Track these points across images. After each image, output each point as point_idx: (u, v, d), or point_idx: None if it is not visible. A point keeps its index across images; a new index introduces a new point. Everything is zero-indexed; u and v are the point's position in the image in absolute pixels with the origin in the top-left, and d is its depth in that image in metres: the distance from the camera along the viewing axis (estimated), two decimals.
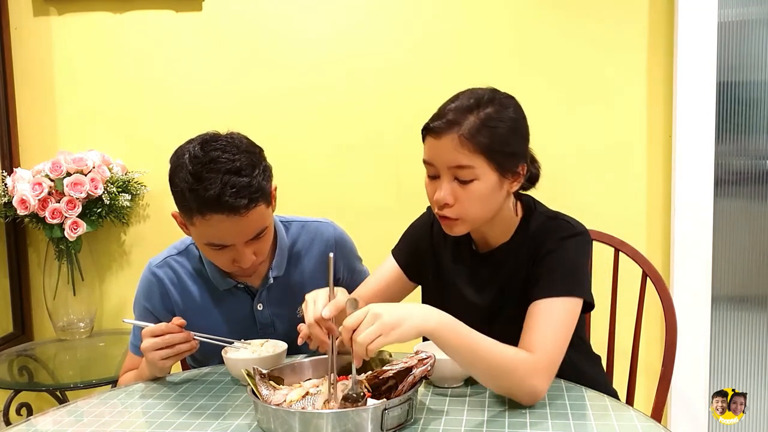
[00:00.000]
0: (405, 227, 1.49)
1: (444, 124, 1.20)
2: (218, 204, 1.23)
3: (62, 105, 2.36)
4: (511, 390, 1.12)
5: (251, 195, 1.25)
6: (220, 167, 1.25)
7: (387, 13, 2.25)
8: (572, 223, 1.29)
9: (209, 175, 1.24)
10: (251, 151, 1.32)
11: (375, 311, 1.04)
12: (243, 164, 1.26)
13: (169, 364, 1.30)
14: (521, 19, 2.21)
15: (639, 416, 1.09)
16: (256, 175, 1.28)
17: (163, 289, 1.45)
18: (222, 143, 1.29)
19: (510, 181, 1.24)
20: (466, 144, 1.18)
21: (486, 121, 1.19)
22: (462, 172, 1.19)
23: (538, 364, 1.11)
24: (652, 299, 1.61)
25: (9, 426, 1.16)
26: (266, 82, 2.30)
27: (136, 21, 2.32)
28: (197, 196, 1.24)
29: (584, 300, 1.21)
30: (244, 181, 1.25)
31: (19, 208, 2.13)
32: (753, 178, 2.26)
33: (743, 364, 2.30)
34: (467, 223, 1.24)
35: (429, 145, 1.24)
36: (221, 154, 1.26)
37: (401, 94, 2.26)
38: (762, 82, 2.22)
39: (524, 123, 1.26)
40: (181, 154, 1.30)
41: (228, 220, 1.25)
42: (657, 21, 2.16)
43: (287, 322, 1.44)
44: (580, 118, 2.19)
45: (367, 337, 1.01)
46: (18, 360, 2.16)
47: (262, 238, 1.33)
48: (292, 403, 1.08)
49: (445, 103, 1.25)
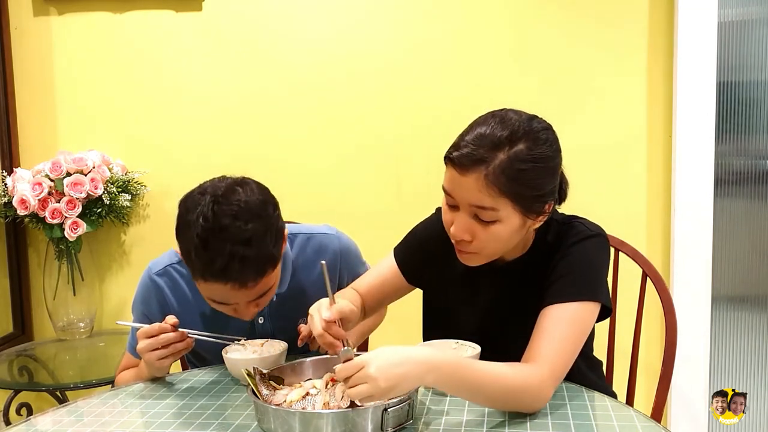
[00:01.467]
0: (405, 227, 1.44)
1: (469, 160, 1.07)
2: (223, 276, 1.20)
3: (62, 105, 2.37)
4: (518, 409, 1.08)
5: (258, 267, 1.21)
6: (230, 236, 1.18)
7: (387, 13, 2.25)
8: (587, 225, 1.22)
9: (217, 245, 1.18)
10: (264, 214, 1.24)
11: (369, 372, 0.95)
12: (253, 233, 1.20)
13: (167, 363, 1.30)
14: (521, 19, 2.21)
15: (639, 416, 1.08)
16: (267, 243, 1.22)
17: (161, 298, 1.44)
18: (234, 207, 1.21)
19: (534, 219, 1.15)
20: (492, 186, 1.07)
21: (516, 161, 1.07)
22: (484, 213, 1.10)
23: (544, 380, 1.07)
24: (652, 299, 1.61)
25: (9, 426, 1.16)
26: (266, 82, 2.30)
27: (136, 21, 2.32)
28: (203, 264, 1.20)
29: (602, 304, 1.16)
30: (252, 253, 1.19)
31: (19, 208, 2.13)
32: (753, 178, 2.26)
33: (743, 364, 2.30)
34: (483, 256, 1.18)
35: (450, 177, 1.12)
36: (233, 222, 1.19)
37: (401, 94, 2.26)
38: (762, 82, 2.22)
39: (558, 156, 1.15)
40: (192, 208, 1.22)
41: (232, 288, 1.22)
42: (657, 21, 2.16)
43: (289, 335, 1.41)
44: (580, 118, 2.19)
45: (357, 395, 0.97)
46: (18, 360, 2.16)
47: (266, 294, 1.30)
48: (292, 404, 1.08)
49: (471, 127, 1.13)
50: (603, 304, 1.17)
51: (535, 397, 1.07)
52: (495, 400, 1.07)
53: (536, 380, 1.06)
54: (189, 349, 1.30)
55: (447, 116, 2.20)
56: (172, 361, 1.31)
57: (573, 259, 1.17)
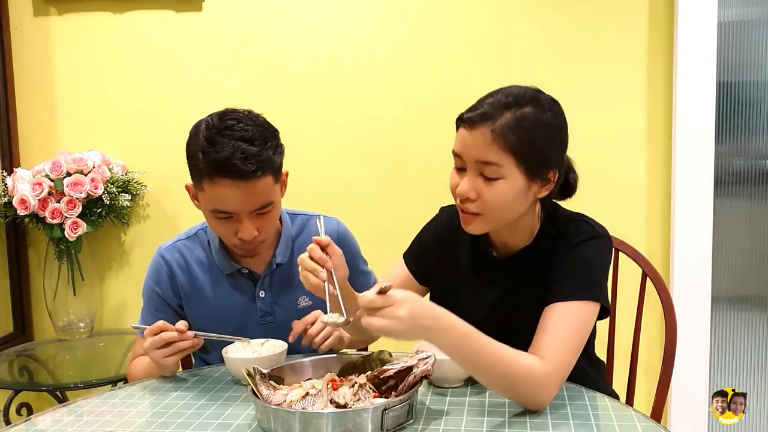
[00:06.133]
0: (404, 221, 1.47)
1: (478, 116, 1.15)
2: (227, 167, 1.27)
3: (62, 105, 2.36)
4: (519, 398, 1.10)
5: (259, 163, 1.29)
6: (234, 134, 1.29)
7: (387, 12, 2.25)
8: (593, 225, 1.25)
9: (222, 140, 1.28)
10: (266, 127, 1.36)
11: (399, 313, 0.99)
12: (256, 134, 1.31)
13: (172, 362, 1.31)
14: (521, 19, 2.21)
15: (639, 416, 1.09)
16: (268, 147, 1.32)
17: (170, 272, 1.48)
18: (239, 114, 1.34)
19: (539, 186, 1.19)
20: (497, 140, 1.13)
21: (522, 120, 1.14)
22: (488, 169, 1.15)
23: (549, 375, 1.08)
24: (652, 299, 1.61)
25: (9, 426, 1.16)
26: (266, 82, 2.30)
27: (136, 21, 2.32)
28: (208, 159, 1.28)
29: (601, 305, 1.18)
30: (254, 149, 1.29)
31: (19, 208, 2.13)
32: (753, 178, 2.26)
33: (743, 364, 2.30)
34: (487, 221, 1.20)
35: (460, 136, 1.19)
36: (236, 123, 1.31)
37: (401, 93, 2.26)
38: (762, 82, 2.22)
39: (564, 130, 1.21)
40: (199, 124, 1.35)
41: (234, 185, 1.28)
42: (657, 21, 2.16)
43: (287, 311, 1.47)
44: (579, 118, 2.17)
45: (378, 327, 1.00)
46: (18, 360, 2.16)
47: (266, 214, 1.36)
48: (292, 403, 1.08)
49: (483, 96, 1.20)
50: (602, 304, 1.19)
51: (537, 388, 1.08)
52: (495, 379, 1.08)
53: (540, 372, 1.08)
54: (196, 347, 1.32)
55: (445, 111, 2.20)
56: (178, 359, 1.32)
57: (577, 260, 1.20)
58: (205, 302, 1.48)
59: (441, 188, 2.19)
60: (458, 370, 1.20)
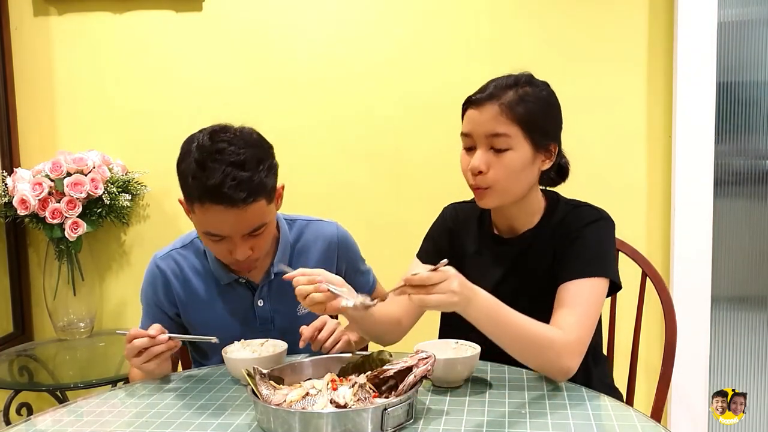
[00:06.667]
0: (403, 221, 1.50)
1: (486, 96, 1.28)
2: (217, 194, 1.25)
3: (62, 105, 2.36)
4: (544, 366, 1.20)
5: (251, 189, 1.26)
6: (225, 158, 1.26)
7: (386, 12, 2.25)
8: (597, 209, 1.36)
9: (213, 165, 1.25)
10: (259, 147, 1.33)
11: (452, 287, 1.07)
12: (247, 158, 1.27)
13: (152, 367, 1.30)
14: (521, 19, 2.21)
15: (639, 416, 1.09)
16: (260, 170, 1.28)
17: (165, 281, 1.47)
18: (230, 135, 1.31)
19: (542, 158, 1.32)
20: (505, 113, 1.26)
21: (524, 96, 1.28)
22: (498, 141, 1.27)
23: (571, 343, 1.18)
24: (652, 299, 1.61)
25: (9, 426, 1.16)
26: (266, 82, 2.30)
27: (136, 21, 2.32)
28: (199, 184, 1.26)
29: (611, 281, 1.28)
30: (245, 175, 1.26)
31: (19, 208, 2.13)
32: (753, 178, 2.26)
33: (743, 364, 2.30)
34: (498, 193, 1.30)
35: (469, 117, 1.31)
36: (227, 146, 1.28)
37: (401, 92, 2.26)
38: (762, 82, 2.22)
39: (558, 107, 1.35)
40: (190, 141, 1.32)
41: (226, 211, 1.26)
42: (657, 21, 2.16)
43: (287, 318, 1.45)
44: (579, 118, 2.19)
45: (436, 302, 1.06)
46: (18, 360, 2.16)
47: (260, 234, 1.34)
48: (292, 403, 1.08)
49: (486, 83, 1.33)
50: (612, 280, 1.29)
51: (559, 356, 1.17)
52: (521, 348, 1.17)
53: (562, 341, 1.18)
54: (172, 350, 1.31)
55: (445, 111, 2.20)
56: (158, 363, 1.30)
57: (586, 240, 1.30)
58: (203, 311, 1.46)
59: (440, 187, 2.21)
60: (458, 370, 1.21)
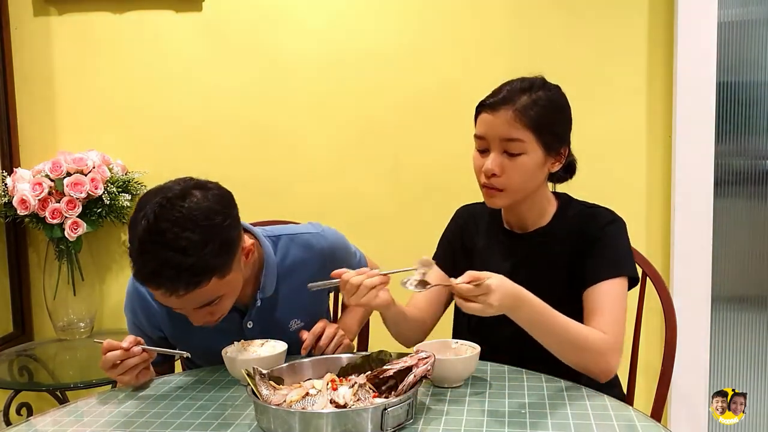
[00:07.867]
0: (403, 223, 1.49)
1: (500, 100, 1.30)
2: (154, 281, 1.19)
3: (62, 105, 2.36)
4: (588, 366, 1.24)
5: (193, 275, 1.17)
6: (166, 242, 1.16)
7: (386, 12, 2.25)
8: (609, 210, 1.40)
9: (152, 247, 1.17)
10: (207, 224, 1.19)
11: (490, 300, 1.12)
12: (191, 243, 1.16)
13: (127, 379, 1.27)
14: (521, 18, 2.21)
15: (639, 416, 1.09)
16: (205, 254, 1.18)
17: (145, 305, 1.41)
18: (177, 213, 1.18)
19: (552, 161, 1.34)
20: (519, 118, 1.28)
21: (537, 101, 1.30)
22: (512, 145, 1.29)
23: (610, 344, 1.23)
24: (652, 299, 1.61)
25: (9, 426, 1.16)
26: (266, 82, 2.30)
27: (136, 21, 2.31)
28: (137, 267, 1.20)
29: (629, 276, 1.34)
30: (186, 262, 1.16)
31: (19, 208, 2.13)
32: (753, 178, 2.26)
33: (743, 364, 2.30)
34: (509, 194, 1.33)
35: (483, 120, 1.33)
36: (171, 227, 1.16)
37: (401, 94, 2.26)
38: (762, 82, 2.22)
39: (569, 110, 1.38)
40: (141, 207, 1.21)
41: (164, 295, 1.20)
42: (657, 21, 2.16)
43: (279, 336, 1.38)
44: (580, 118, 2.16)
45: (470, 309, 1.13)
46: (18, 360, 2.16)
47: (216, 304, 1.26)
48: (292, 404, 1.08)
49: (500, 85, 1.35)
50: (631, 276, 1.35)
51: (600, 356, 1.22)
52: (566, 349, 1.22)
53: (602, 342, 1.23)
54: (147, 361, 1.29)
55: (445, 112, 2.21)
56: (134, 374, 1.28)
57: (610, 240, 1.35)
58: (189, 333, 1.38)
59: (440, 189, 2.21)
60: (458, 370, 1.21)
